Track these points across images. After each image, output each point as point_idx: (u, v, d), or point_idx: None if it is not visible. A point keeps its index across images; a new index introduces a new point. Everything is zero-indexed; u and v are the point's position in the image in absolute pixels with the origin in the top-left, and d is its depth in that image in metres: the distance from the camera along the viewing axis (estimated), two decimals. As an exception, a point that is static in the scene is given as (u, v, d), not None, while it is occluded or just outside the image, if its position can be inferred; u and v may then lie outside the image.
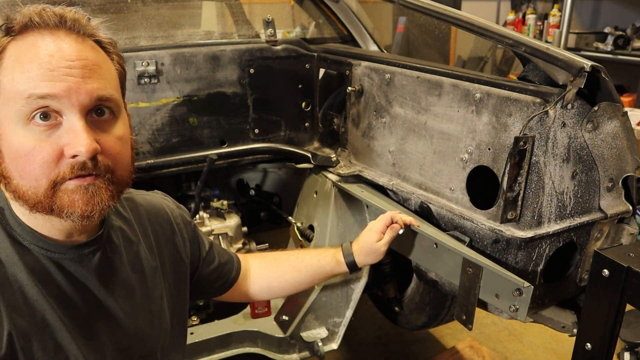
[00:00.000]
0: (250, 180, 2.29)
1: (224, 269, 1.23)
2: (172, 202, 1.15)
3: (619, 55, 3.92)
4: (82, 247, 0.85)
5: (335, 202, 1.70)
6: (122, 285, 0.92)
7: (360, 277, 1.73)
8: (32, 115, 0.72)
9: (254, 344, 1.75)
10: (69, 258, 0.83)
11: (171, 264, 1.06)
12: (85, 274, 0.85)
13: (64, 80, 0.73)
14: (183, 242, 1.10)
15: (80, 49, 0.76)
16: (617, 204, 1.22)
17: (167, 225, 1.08)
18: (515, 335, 2.43)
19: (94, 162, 0.75)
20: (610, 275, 0.86)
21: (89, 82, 0.75)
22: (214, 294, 1.25)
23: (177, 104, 1.74)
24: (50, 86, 0.72)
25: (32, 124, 0.73)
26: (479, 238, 1.26)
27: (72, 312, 0.82)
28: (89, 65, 0.76)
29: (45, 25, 0.75)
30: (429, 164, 1.40)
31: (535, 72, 1.23)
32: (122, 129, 0.82)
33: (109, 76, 0.80)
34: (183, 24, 2.16)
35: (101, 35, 0.81)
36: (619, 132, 1.17)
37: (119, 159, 0.80)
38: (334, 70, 1.86)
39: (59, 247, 0.82)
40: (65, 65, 0.74)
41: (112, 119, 0.80)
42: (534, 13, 5.03)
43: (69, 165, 0.74)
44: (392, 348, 2.39)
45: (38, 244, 0.80)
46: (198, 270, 1.17)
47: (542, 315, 1.30)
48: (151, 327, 0.98)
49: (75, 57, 0.75)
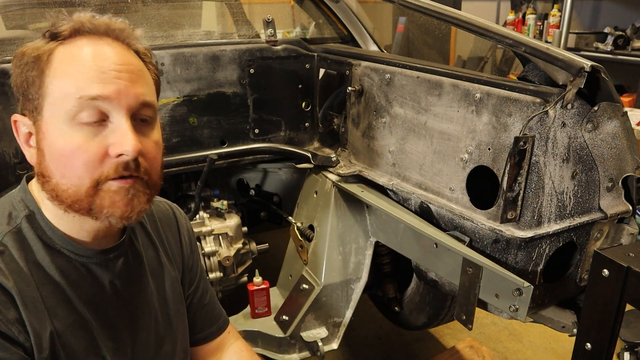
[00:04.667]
0: (250, 180, 2.29)
1: (211, 312, 1.18)
2: (180, 212, 1.15)
3: (618, 55, 3.92)
4: (107, 252, 0.87)
5: (335, 202, 1.70)
6: (143, 289, 0.95)
7: (360, 277, 1.73)
8: (79, 115, 0.75)
9: (254, 343, 1.75)
10: (95, 262, 0.86)
11: (180, 270, 1.09)
12: (111, 278, 0.88)
13: (115, 83, 0.76)
14: (190, 254, 1.13)
15: (127, 55, 0.80)
16: (617, 204, 1.22)
17: (176, 233, 1.10)
18: (515, 335, 2.43)
19: (135, 163, 0.78)
20: (610, 275, 0.86)
21: (136, 87, 0.78)
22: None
23: (177, 104, 1.74)
24: (102, 88, 0.75)
25: (80, 123, 0.75)
26: (479, 238, 1.26)
27: (99, 314, 0.85)
28: (136, 70, 0.80)
29: (95, 31, 0.79)
30: (429, 164, 1.40)
31: (535, 72, 1.23)
32: (158, 135, 0.85)
33: (150, 83, 0.84)
34: (183, 24, 2.16)
35: (140, 46, 0.85)
36: (618, 132, 1.17)
37: (154, 163, 0.83)
38: (334, 70, 1.86)
39: (87, 251, 0.85)
40: (116, 68, 0.77)
41: (150, 124, 0.83)
42: (533, 13, 5.02)
43: (113, 165, 0.76)
44: (392, 348, 2.39)
45: (68, 247, 0.83)
46: (191, 292, 1.14)
47: (542, 315, 1.30)
48: (169, 331, 1.01)
49: (124, 62, 0.78)
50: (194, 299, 1.14)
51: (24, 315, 0.75)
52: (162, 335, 0.99)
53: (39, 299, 0.77)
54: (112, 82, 0.76)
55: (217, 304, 1.21)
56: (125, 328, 0.91)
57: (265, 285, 1.78)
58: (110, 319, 0.88)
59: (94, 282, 0.86)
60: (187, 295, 1.12)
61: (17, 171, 1.48)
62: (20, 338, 0.74)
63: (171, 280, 1.03)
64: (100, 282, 0.86)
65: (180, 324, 1.05)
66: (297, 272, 1.79)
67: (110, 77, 0.76)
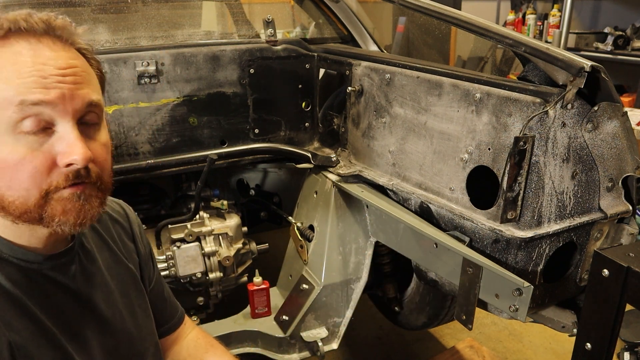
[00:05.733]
0: (250, 180, 2.29)
1: (172, 305, 1.18)
2: (129, 208, 1.14)
3: (618, 55, 3.92)
4: (59, 256, 0.84)
5: (335, 202, 1.70)
6: (102, 289, 0.93)
7: (360, 277, 1.73)
8: (22, 123, 0.70)
9: (254, 343, 1.75)
10: (48, 268, 0.82)
11: (137, 267, 1.07)
12: (66, 282, 0.85)
13: (58, 87, 0.72)
14: (144, 249, 1.11)
15: (69, 57, 0.76)
16: (617, 204, 1.22)
17: (129, 230, 1.08)
18: (515, 335, 2.43)
19: (86, 170, 0.75)
20: (610, 275, 0.86)
21: (80, 88, 0.75)
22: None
23: (177, 104, 1.74)
24: (45, 93, 0.71)
25: (22, 132, 0.71)
26: (479, 238, 1.26)
27: (60, 320, 0.82)
28: (79, 72, 0.76)
29: (32, 31, 0.73)
30: (429, 164, 1.40)
31: (535, 72, 1.23)
32: (106, 135, 0.82)
33: (95, 82, 0.81)
34: (183, 24, 2.16)
35: (81, 42, 0.80)
36: (618, 132, 1.17)
37: (105, 165, 0.80)
38: (334, 70, 1.86)
39: (38, 258, 0.81)
40: (58, 73, 0.73)
41: (97, 125, 0.80)
42: (533, 13, 5.02)
43: (62, 175, 0.73)
44: (392, 348, 2.39)
45: (17, 255, 0.79)
46: (151, 288, 1.14)
47: (542, 315, 1.30)
48: (136, 328, 0.99)
49: (67, 65, 0.74)
50: (155, 293, 1.13)
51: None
52: (131, 332, 0.97)
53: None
54: (54, 86, 0.72)
55: (172, 296, 1.21)
56: (91, 330, 0.88)
57: (265, 285, 1.78)
58: (73, 323, 0.84)
59: (50, 288, 0.82)
60: (149, 291, 1.10)
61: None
62: None
63: (131, 277, 1.01)
64: (57, 287, 0.83)
65: (146, 320, 1.03)
66: (297, 272, 1.79)
67: (53, 82, 0.72)
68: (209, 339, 1.23)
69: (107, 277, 0.95)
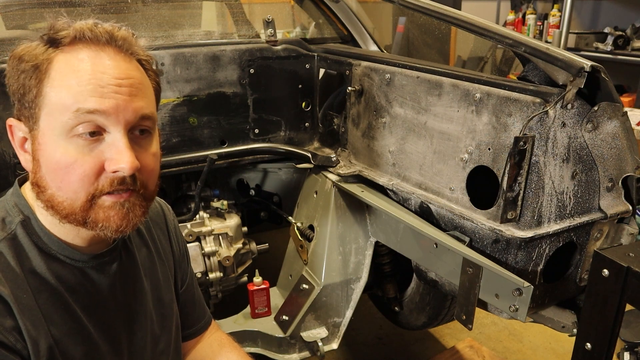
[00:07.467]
0: (250, 180, 2.29)
1: (200, 308, 1.19)
2: (168, 208, 1.15)
3: (618, 55, 3.92)
4: (102, 255, 0.87)
5: (335, 202, 1.70)
6: (137, 290, 0.95)
7: (360, 277, 1.73)
8: (76, 128, 0.74)
9: (254, 343, 1.75)
10: (91, 267, 0.86)
11: (172, 268, 1.09)
12: (107, 281, 0.88)
13: (113, 97, 0.75)
14: (179, 250, 1.13)
15: (128, 68, 0.78)
16: (617, 204, 1.22)
17: (165, 230, 1.10)
18: (515, 335, 2.43)
19: (132, 178, 0.77)
20: (610, 275, 0.86)
21: (135, 101, 0.77)
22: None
23: (177, 104, 1.74)
24: (100, 102, 0.74)
25: (76, 137, 0.74)
26: (479, 238, 1.26)
27: (96, 318, 0.85)
28: (136, 84, 0.78)
29: (96, 41, 0.76)
30: (429, 164, 1.40)
31: (535, 72, 1.23)
32: (156, 146, 0.84)
33: (150, 94, 0.83)
34: (183, 24, 2.16)
35: (142, 53, 0.83)
36: (618, 132, 1.17)
37: (152, 175, 0.83)
38: (334, 70, 1.86)
39: (83, 256, 0.84)
40: (115, 83, 0.75)
41: (149, 136, 0.82)
42: (533, 13, 5.02)
43: (108, 180, 0.76)
44: (392, 348, 2.39)
45: (64, 253, 0.82)
46: (183, 290, 1.15)
47: (542, 315, 1.30)
48: (163, 330, 1.01)
49: (125, 76, 0.77)
50: (186, 296, 1.14)
51: (21, 323, 0.74)
52: (158, 334, 0.99)
53: (36, 306, 0.77)
54: (110, 96, 0.74)
55: (203, 299, 1.23)
56: (122, 330, 0.91)
57: (265, 285, 1.78)
58: (107, 322, 0.87)
59: (91, 286, 0.85)
60: (180, 293, 1.12)
61: (18, 171, 1.48)
62: (17, 346, 0.74)
63: (164, 278, 1.03)
64: (97, 286, 0.86)
65: (173, 323, 1.05)
66: (297, 272, 1.79)
67: (109, 92, 0.74)
68: (232, 342, 1.23)
69: (143, 278, 0.97)
